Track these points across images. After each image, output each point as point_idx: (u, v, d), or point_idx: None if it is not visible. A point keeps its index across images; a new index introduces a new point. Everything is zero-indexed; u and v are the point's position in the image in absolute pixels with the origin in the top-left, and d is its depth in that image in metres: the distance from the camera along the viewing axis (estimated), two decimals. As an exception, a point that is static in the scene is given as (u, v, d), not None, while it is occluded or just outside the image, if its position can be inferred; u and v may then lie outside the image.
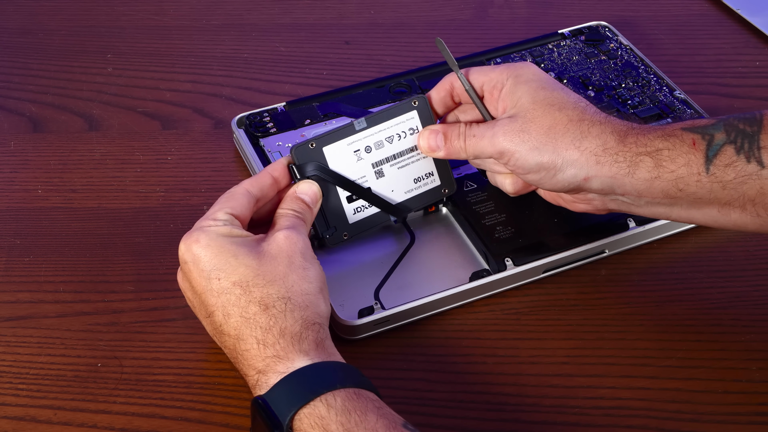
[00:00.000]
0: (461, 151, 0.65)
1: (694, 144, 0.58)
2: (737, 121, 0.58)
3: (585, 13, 0.97)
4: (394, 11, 0.98)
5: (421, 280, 0.69)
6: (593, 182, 0.60)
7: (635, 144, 0.59)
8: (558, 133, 0.60)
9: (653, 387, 0.63)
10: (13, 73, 0.91)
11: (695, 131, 0.58)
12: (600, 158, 0.59)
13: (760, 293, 0.69)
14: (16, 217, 0.76)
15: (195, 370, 0.65)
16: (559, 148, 0.60)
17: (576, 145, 0.60)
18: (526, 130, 0.61)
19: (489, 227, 0.70)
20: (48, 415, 0.62)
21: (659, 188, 0.59)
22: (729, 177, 0.57)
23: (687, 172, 0.58)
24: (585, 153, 0.59)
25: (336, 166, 0.66)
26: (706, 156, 0.57)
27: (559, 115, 0.61)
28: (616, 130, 0.60)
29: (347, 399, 0.53)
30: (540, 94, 0.62)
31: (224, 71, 0.91)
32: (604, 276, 0.71)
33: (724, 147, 0.57)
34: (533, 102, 0.61)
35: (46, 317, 0.68)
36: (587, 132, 0.60)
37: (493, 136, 0.62)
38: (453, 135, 0.65)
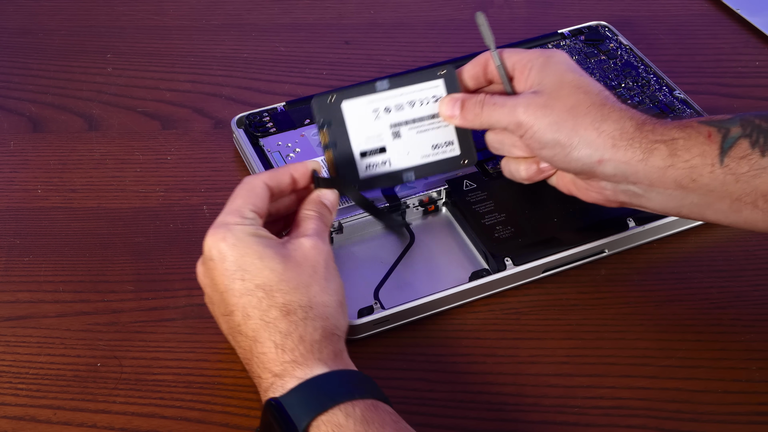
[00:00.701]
0: (476, 117, 0.65)
1: (710, 136, 0.58)
2: (754, 117, 0.58)
3: (585, 13, 0.97)
4: (394, 11, 0.98)
5: (421, 280, 0.69)
6: (607, 166, 0.60)
7: (652, 132, 0.59)
8: (579, 113, 0.61)
9: (653, 387, 0.63)
10: (13, 73, 0.91)
11: (711, 124, 0.59)
12: (616, 142, 0.60)
13: (760, 293, 0.69)
14: (16, 217, 0.76)
15: (194, 369, 0.65)
16: (578, 126, 0.60)
17: (595, 127, 0.60)
18: (549, 106, 0.61)
19: (489, 227, 0.70)
20: (48, 415, 0.62)
21: (672, 177, 0.59)
22: (743, 170, 0.57)
23: (701, 163, 0.58)
24: (602, 135, 0.60)
25: (352, 121, 0.66)
26: (721, 148, 0.58)
27: (583, 98, 0.61)
28: (635, 117, 0.60)
29: (366, 410, 0.53)
30: (567, 76, 0.63)
31: (224, 71, 0.91)
32: (603, 276, 0.71)
33: (740, 140, 0.57)
34: (560, 82, 0.62)
35: (45, 317, 0.68)
36: (607, 116, 0.60)
37: (514, 106, 0.62)
38: (471, 102, 0.65)
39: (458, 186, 0.74)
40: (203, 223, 0.75)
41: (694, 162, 0.58)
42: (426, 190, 0.73)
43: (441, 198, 0.74)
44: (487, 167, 0.75)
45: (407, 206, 0.73)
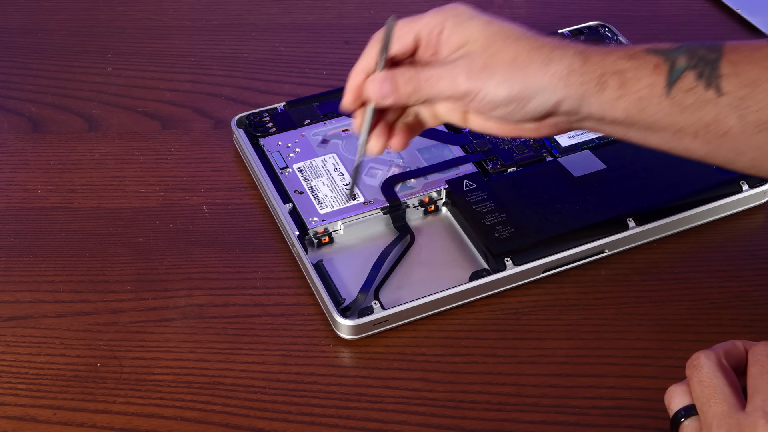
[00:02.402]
0: (413, 95, 0.61)
1: (657, 67, 0.57)
2: (699, 47, 0.58)
3: (585, 13, 0.97)
4: (394, 11, 0.98)
5: (421, 280, 0.69)
6: (563, 104, 0.59)
7: (600, 64, 0.58)
8: (522, 62, 0.58)
9: (653, 387, 0.63)
10: (13, 73, 0.91)
11: (658, 53, 0.58)
12: (568, 80, 0.58)
13: (760, 293, 0.69)
14: (16, 217, 0.76)
15: (194, 369, 0.65)
16: (527, 77, 0.58)
17: (543, 71, 0.58)
18: (489, 65, 0.59)
19: (489, 227, 0.70)
20: (48, 415, 0.62)
21: (622, 107, 0.58)
22: (688, 102, 0.57)
23: (649, 93, 0.57)
24: (553, 77, 0.58)
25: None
26: (668, 79, 0.57)
27: (519, 46, 0.59)
28: (578, 51, 0.59)
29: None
30: (491, 28, 0.60)
31: (224, 71, 0.91)
32: (603, 276, 0.71)
33: (686, 72, 0.57)
34: (487, 37, 0.59)
35: (45, 317, 0.68)
36: (550, 56, 0.58)
37: (453, 76, 0.59)
38: (403, 80, 0.61)
39: (458, 186, 0.74)
40: (203, 223, 0.75)
41: (643, 93, 0.57)
42: (426, 190, 0.73)
43: (441, 198, 0.74)
44: (487, 167, 0.75)
45: (407, 206, 0.73)
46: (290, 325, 0.68)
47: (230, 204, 0.77)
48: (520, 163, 0.76)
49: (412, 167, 0.76)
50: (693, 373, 0.52)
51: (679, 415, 0.53)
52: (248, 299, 0.69)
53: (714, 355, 0.53)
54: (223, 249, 0.73)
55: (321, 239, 0.71)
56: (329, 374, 0.65)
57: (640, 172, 0.75)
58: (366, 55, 0.62)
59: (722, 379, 0.51)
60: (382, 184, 0.74)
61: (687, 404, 0.53)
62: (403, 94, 0.61)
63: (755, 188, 0.74)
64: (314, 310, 0.68)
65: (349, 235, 0.72)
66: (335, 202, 0.73)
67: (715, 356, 0.52)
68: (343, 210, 0.72)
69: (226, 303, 0.69)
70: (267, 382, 0.64)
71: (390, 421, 0.62)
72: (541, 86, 0.58)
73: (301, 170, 0.76)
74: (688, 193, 0.73)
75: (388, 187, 0.74)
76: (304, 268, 0.70)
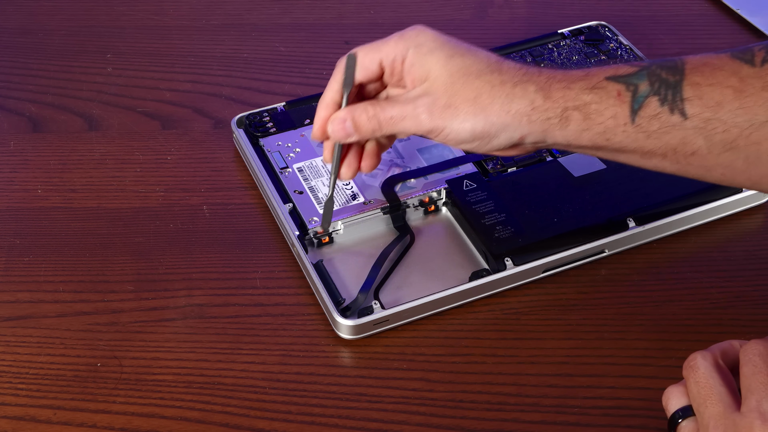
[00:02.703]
0: (376, 132, 0.62)
1: (619, 95, 0.58)
2: (659, 69, 0.58)
3: (585, 13, 0.97)
4: (394, 11, 0.98)
5: (421, 280, 0.69)
6: (527, 138, 0.60)
7: (562, 98, 0.58)
8: (485, 101, 0.59)
9: (653, 387, 0.63)
10: (13, 73, 0.91)
11: (619, 81, 0.58)
12: (531, 117, 0.59)
13: (760, 293, 0.69)
14: (16, 217, 0.76)
15: (194, 369, 0.65)
16: (490, 116, 0.59)
17: (506, 110, 0.59)
18: (452, 105, 0.59)
19: (488, 227, 0.70)
20: (48, 415, 0.62)
21: (587, 138, 0.59)
22: (653, 128, 0.57)
23: (614, 124, 0.58)
24: (516, 116, 0.59)
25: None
26: (632, 108, 0.57)
27: (480, 83, 0.59)
28: (539, 86, 0.59)
29: None
30: (452, 64, 0.60)
31: (224, 71, 0.91)
32: (603, 276, 0.71)
33: (649, 98, 0.57)
34: (449, 74, 0.60)
35: (45, 317, 0.68)
36: (512, 94, 0.59)
37: (417, 116, 0.60)
38: (363, 119, 0.62)
39: (458, 186, 0.74)
40: (203, 223, 0.75)
41: (608, 124, 0.58)
42: (426, 190, 0.73)
43: (441, 198, 0.74)
44: (487, 167, 0.75)
45: (407, 206, 0.73)
46: (290, 325, 0.68)
47: (230, 204, 0.77)
48: (520, 163, 0.76)
49: (412, 167, 0.76)
50: (689, 373, 0.52)
51: (677, 416, 0.53)
52: (248, 299, 0.69)
53: (710, 356, 0.53)
54: (223, 249, 0.73)
55: (321, 239, 0.71)
56: (329, 374, 0.65)
57: (640, 172, 0.74)
58: (331, 87, 0.63)
59: (718, 380, 0.51)
60: (382, 184, 0.74)
61: (684, 405, 0.53)
62: (365, 133, 0.62)
63: (755, 188, 0.74)
64: (314, 310, 0.68)
65: (349, 235, 0.72)
66: (335, 202, 0.73)
67: (711, 357, 0.53)
68: (343, 210, 0.72)
69: (226, 303, 0.69)
70: (267, 382, 0.64)
71: (390, 421, 0.62)
72: (504, 124, 0.59)
73: (301, 170, 0.76)
74: (688, 193, 0.73)
75: (388, 187, 0.74)
76: (304, 268, 0.70)
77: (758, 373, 0.50)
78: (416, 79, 0.61)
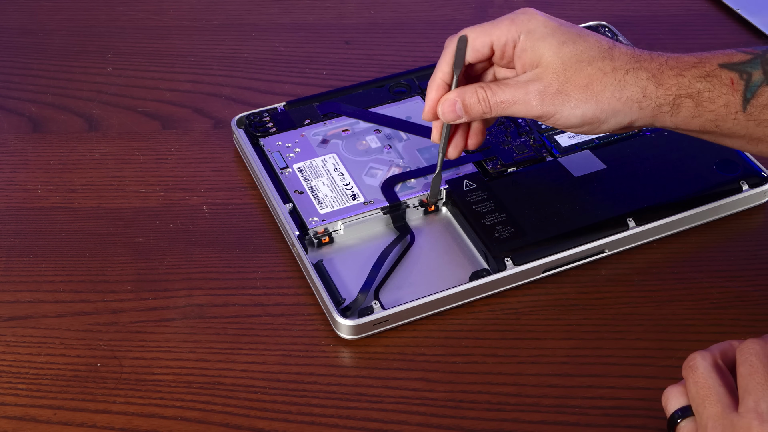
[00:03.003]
0: (485, 114, 0.63)
1: (732, 83, 0.59)
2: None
3: (585, 13, 0.97)
4: (393, 11, 0.98)
5: (421, 280, 0.69)
6: (636, 123, 0.61)
7: (675, 86, 0.59)
8: (596, 88, 0.60)
9: (653, 387, 0.63)
10: (13, 73, 0.91)
11: (733, 68, 0.59)
12: (642, 104, 0.60)
13: (760, 293, 0.69)
14: (16, 217, 0.76)
15: (194, 369, 0.65)
16: (601, 103, 0.60)
17: (617, 97, 0.60)
18: (564, 91, 0.60)
19: (489, 227, 0.70)
20: (48, 415, 0.62)
21: (697, 124, 0.60)
22: (765, 116, 0.58)
23: (725, 112, 0.59)
24: (627, 102, 0.60)
25: None
26: (744, 96, 0.58)
27: (592, 70, 0.60)
28: (652, 73, 0.60)
29: None
30: (565, 51, 0.61)
31: (224, 71, 0.91)
32: (604, 276, 0.71)
33: (762, 87, 0.58)
34: (561, 61, 0.61)
35: (45, 317, 0.68)
36: (624, 81, 0.60)
37: (528, 101, 0.61)
38: (473, 101, 0.63)
39: (458, 186, 0.74)
40: (203, 223, 0.75)
41: (719, 111, 0.59)
42: (426, 190, 0.73)
43: (441, 198, 0.74)
44: (487, 167, 0.75)
45: (407, 206, 0.73)
46: (290, 325, 0.68)
47: (230, 204, 0.77)
48: (520, 163, 0.76)
49: (412, 167, 0.76)
50: (689, 373, 0.52)
51: (676, 416, 0.53)
52: (248, 299, 0.69)
53: (710, 356, 0.53)
54: (223, 249, 0.73)
55: (321, 239, 0.71)
56: (329, 374, 0.65)
57: (640, 172, 0.75)
58: (441, 68, 0.64)
59: (717, 380, 0.51)
60: (382, 184, 0.74)
61: (683, 405, 0.53)
62: (475, 115, 0.64)
63: (755, 188, 0.74)
64: (314, 310, 0.68)
65: (349, 235, 0.72)
66: (335, 202, 0.73)
67: (710, 357, 0.53)
68: (343, 210, 0.72)
69: (226, 303, 0.69)
70: (267, 382, 0.64)
71: (390, 421, 0.62)
72: (615, 110, 0.60)
73: (301, 170, 0.76)
74: (688, 193, 0.73)
75: (388, 187, 0.74)
76: (304, 268, 0.70)
77: (755, 373, 0.50)
78: (527, 64, 0.62)
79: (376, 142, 0.78)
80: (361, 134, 0.79)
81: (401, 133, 0.79)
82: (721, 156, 0.75)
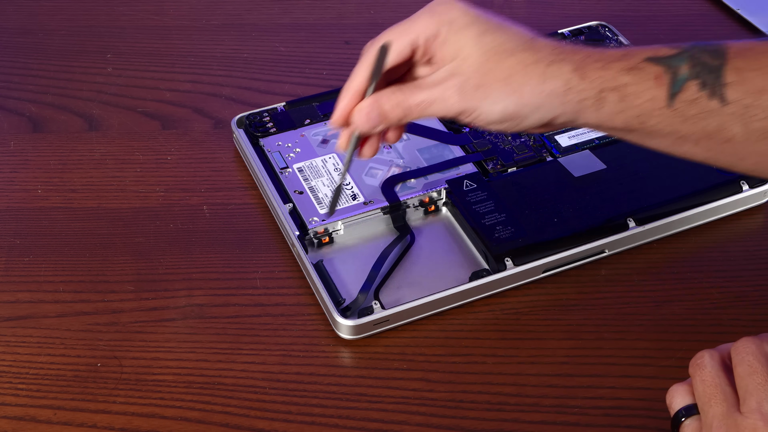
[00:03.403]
0: (405, 118, 0.59)
1: (658, 78, 0.56)
2: (701, 52, 0.56)
3: (585, 13, 0.97)
4: (394, 11, 0.98)
5: (421, 280, 0.69)
6: (559, 119, 0.58)
7: (599, 79, 0.56)
8: (518, 81, 0.57)
9: (653, 387, 0.63)
10: (13, 73, 0.91)
11: (659, 62, 0.56)
12: (564, 98, 0.56)
13: (760, 293, 0.69)
14: (16, 217, 0.76)
15: (195, 370, 0.65)
16: (522, 96, 0.57)
17: (539, 91, 0.56)
18: (484, 85, 0.57)
19: (489, 227, 0.70)
20: (48, 415, 0.62)
21: (621, 120, 0.57)
22: (691, 112, 0.55)
23: (651, 107, 0.56)
24: (549, 96, 0.56)
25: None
26: (670, 91, 0.55)
27: (513, 62, 0.57)
28: (575, 65, 0.57)
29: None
30: (485, 42, 0.57)
31: (224, 71, 0.91)
32: (604, 276, 0.71)
33: (688, 82, 0.55)
34: (481, 52, 0.57)
35: (45, 317, 0.68)
36: (546, 74, 0.56)
37: (446, 99, 0.57)
38: (389, 106, 0.59)
39: (458, 186, 0.74)
40: (203, 223, 0.75)
41: (644, 106, 0.56)
42: (426, 190, 0.73)
43: (441, 198, 0.74)
44: (487, 167, 0.75)
45: (407, 206, 0.73)
46: (290, 325, 0.68)
47: (230, 204, 0.77)
48: (520, 163, 0.76)
49: (412, 167, 0.76)
50: (696, 371, 0.52)
51: (680, 414, 0.53)
52: (248, 299, 0.69)
53: (718, 355, 0.52)
54: (223, 249, 0.73)
55: (321, 239, 0.71)
56: (329, 374, 0.65)
57: (640, 172, 0.75)
58: (357, 75, 0.60)
59: (725, 379, 0.51)
60: (382, 184, 0.74)
61: (688, 404, 0.53)
62: (392, 120, 0.59)
63: (755, 188, 0.74)
64: (314, 310, 0.68)
65: (349, 235, 0.72)
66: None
67: (719, 356, 0.52)
68: (343, 210, 0.72)
69: (226, 303, 0.69)
70: (267, 382, 0.64)
71: (390, 421, 0.62)
72: (537, 105, 0.57)
73: (301, 170, 0.76)
74: (688, 193, 0.73)
75: (388, 187, 0.74)
76: (304, 268, 0.70)
77: (754, 373, 0.50)
78: (446, 56, 0.58)
79: (376, 142, 0.78)
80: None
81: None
82: (721, 156, 0.75)
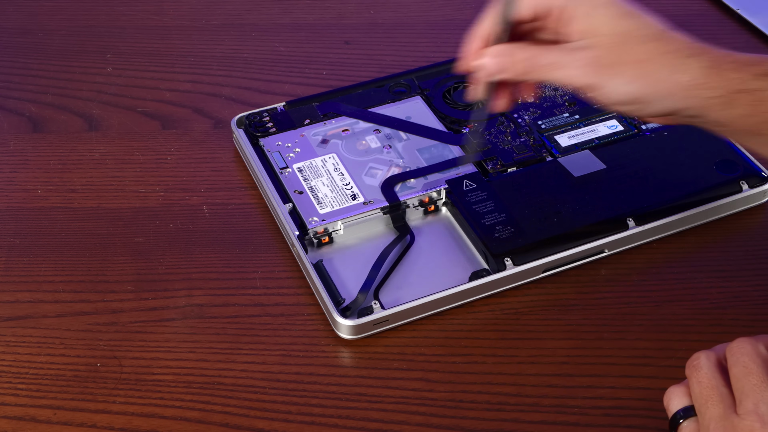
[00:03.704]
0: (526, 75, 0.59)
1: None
2: None
3: (585, 13, 0.97)
4: (393, 11, 0.98)
5: (421, 280, 0.69)
6: (684, 112, 0.58)
7: (733, 80, 0.56)
8: (653, 67, 0.57)
9: (653, 387, 0.63)
10: (13, 73, 0.91)
11: None
12: (695, 92, 0.56)
13: (760, 293, 0.69)
14: (16, 217, 0.76)
15: (194, 369, 0.65)
16: (654, 82, 0.57)
17: (673, 80, 0.56)
18: (618, 63, 0.57)
19: (489, 227, 0.70)
20: (47, 415, 0.62)
21: (749, 123, 0.57)
22: None
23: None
24: (680, 87, 0.56)
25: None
26: None
27: (650, 47, 0.57)
28: (712, 63, 0.56)
29: None
30: (624, 24, 0.58)
31: (224, 71, 0.91)
32: (603, 276, 0.71)
33: None
34: (618, 32, 0.57)
35: (45, 317, 0.68)
36: (684, 65, 0.57)
37: (576, 68, 0.57)
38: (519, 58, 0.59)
39: (458, 186, 0.74)
40: (203, 223, 0.75)
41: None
42: (426, 190, 0.73)
43: (441, 198, 0.74)
44: (487, 167, 0.75)
45: (407, 206, 0.73)
46: (290, 325, 0.68)
47: (230, 204, 0.77)
48: (520, 163, 0.76)
49: (412, 167, 0.76)
50: (692, 373, 0.52)
51: (678, 416, 0.53)
52: (248, 299, 0.69)
53: (714, 356, 0.52)
54: (223, 249, 0.73)
55: (321, 239, 0.71)
56: (329, 374, 0.65)
57: (640, 172, 0.75)
58: (485, 20, 0.60)
59: (721, 380, 0.51)
60: (382, 184, 0.74)
61: (686, 405, 0.53)
62: (517, 71, 0.59)
63: (755, 188, 0.74)
64: (314, 310, 0.68)
65: (349, 235, 0.72)
66: (335, 202, 0.73)
67: (715, 357, 0.52)
68: (343, 210, 0.72)
69: (226, 303, 0.69)
70: (267, 382, 0.64)
71: (390, 421, 0.62)
72: (665, 94, 0.57)
73: (301, 170, 0.76)
74: (688, 193, 0.73)
75: (387, 187, 0.74)
76: (304, 268, 0.70)
77: (749, 374, 0.50)
78: (580, 32, 0.58)
79: (375, 142, 0.78)
80: (361, 134, 0.79)
81: (401, 133, 0.79)
82: (721, 156, 0.75)
